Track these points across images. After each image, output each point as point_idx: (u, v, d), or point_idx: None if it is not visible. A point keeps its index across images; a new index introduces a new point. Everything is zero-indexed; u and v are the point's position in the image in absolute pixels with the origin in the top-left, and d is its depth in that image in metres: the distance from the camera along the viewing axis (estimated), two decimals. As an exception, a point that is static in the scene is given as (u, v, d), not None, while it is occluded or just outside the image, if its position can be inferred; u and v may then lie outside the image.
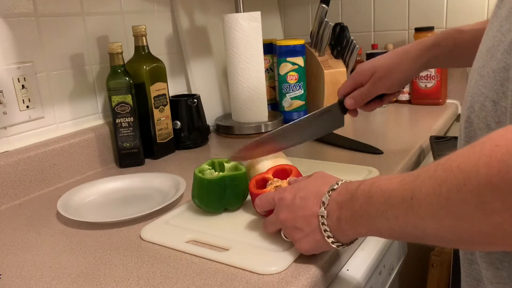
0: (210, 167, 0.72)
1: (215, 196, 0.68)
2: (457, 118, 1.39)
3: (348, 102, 0.82)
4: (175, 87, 1.24)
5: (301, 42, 1.24)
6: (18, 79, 0.86)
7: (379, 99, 0.84)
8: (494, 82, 0.42)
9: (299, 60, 1.24)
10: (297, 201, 0.53)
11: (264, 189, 0.66)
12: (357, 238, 0.52)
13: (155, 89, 1.02)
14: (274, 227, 0.58)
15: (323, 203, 0.50)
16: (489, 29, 0.47)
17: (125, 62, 0.98)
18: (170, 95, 1.12)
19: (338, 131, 1.10)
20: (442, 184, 0.36)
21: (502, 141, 0.33)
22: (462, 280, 0.53)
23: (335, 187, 0.50)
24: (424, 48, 0.78)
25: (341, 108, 0.83)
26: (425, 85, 1.35)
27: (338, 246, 0.51)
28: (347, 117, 1.03)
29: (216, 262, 0.57)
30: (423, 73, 1.34)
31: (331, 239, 0.50)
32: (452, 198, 0.35)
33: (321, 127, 0.82)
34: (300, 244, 0.54)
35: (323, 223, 0.50)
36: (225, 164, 0.73)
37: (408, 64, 0.79)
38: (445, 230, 0.37)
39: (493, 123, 0.43)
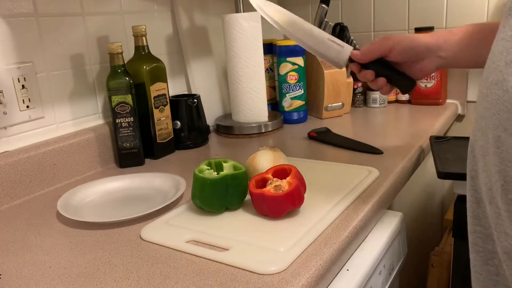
0: (209, 167, 0.73)
1: (217, 196, 0.68)
2: (457, 118, 1.39)
3: (354, 52, 0.76)
4: (175, 87, 1.24)
5: (301, 42, 1.24)
6: (18, 79, 0.86)
7: (389, 81, 0.77)
8: None
9: (299, 60, 1.24)
10: None
11: (264, 189, 0.66)
12: None
13: (155, 89, 1.02)
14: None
15: None
16: (502, 39, 0.44)
17: (125, 62, 0.98)
18: (170, 95, 1.12)
19: (338, 131, 1.11)
20: None
21: None
22: (471, 259, 0.51)
23: None
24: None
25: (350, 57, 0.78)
26: (425, 85, 1.35)
27: None
28: (348, 117, 1.03)
29: (216, 262, 0.57)
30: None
31: None
32: None
33: (323, 51, 0.79)
34: None
35: None
36: (224, 164, 0.73)
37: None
38: None
39: None
